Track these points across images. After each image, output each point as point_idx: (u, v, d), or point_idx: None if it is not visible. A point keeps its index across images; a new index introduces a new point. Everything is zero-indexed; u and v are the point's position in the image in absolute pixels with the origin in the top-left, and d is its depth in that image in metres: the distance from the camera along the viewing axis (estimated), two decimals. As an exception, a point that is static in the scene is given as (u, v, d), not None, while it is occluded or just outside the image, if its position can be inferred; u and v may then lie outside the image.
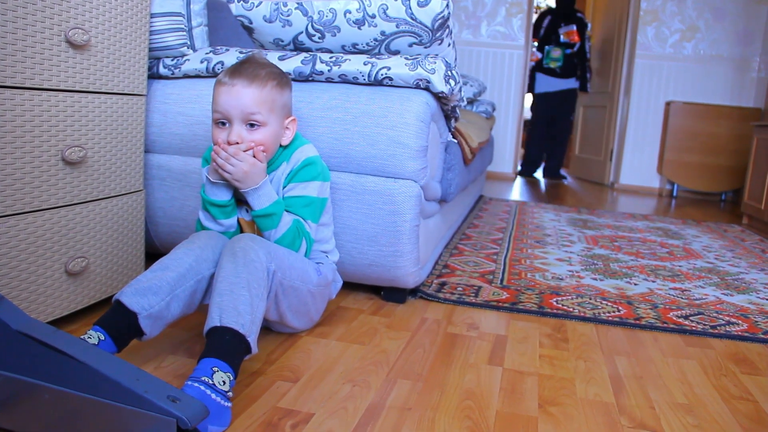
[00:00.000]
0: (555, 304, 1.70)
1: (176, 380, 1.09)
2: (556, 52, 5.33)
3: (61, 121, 1.23)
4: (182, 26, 1.61)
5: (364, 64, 1.48)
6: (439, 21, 1.46)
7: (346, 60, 1.50)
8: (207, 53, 1.62)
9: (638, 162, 4.99)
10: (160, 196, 1.64)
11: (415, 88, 1.48)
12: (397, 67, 1.46)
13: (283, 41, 1.60)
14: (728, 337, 1.54)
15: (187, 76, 1.63)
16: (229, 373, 0.94)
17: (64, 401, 0.81)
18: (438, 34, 1.49)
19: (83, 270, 1.33)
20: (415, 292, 1.70)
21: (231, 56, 1.58)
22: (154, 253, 1.69)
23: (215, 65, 1.58)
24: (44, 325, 0.88)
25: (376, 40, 1.52)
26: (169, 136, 1.61)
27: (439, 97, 1.55)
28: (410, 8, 1.45)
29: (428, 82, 1.46)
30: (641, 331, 1.55)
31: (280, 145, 1.27)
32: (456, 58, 1.66)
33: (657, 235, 2.92)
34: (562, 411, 1.09)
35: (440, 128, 1.68)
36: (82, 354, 0.82)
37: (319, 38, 1.56)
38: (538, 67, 5.47)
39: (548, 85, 5.44)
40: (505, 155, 5.30)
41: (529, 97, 5.69)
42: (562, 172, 5.77)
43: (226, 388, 0.92)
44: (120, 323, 1.05)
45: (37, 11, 1.13)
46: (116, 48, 1.36)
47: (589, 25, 5.74)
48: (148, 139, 1.62)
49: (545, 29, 5.41)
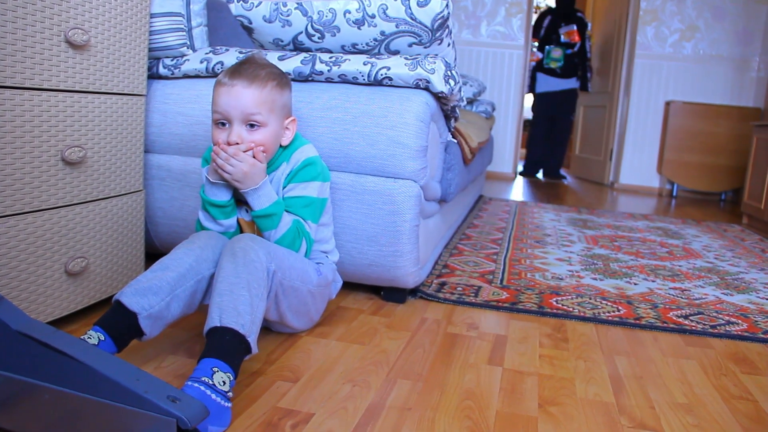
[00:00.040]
0: (555, 303, 1.70)
1: (176, 380, 1.09)
2: (557, 52, 5.33)
3: (61, 121, 1.23)
4: (182, 26, 1.61)
5: (364, 64, 1.48)
6: (439, 21, 1.46)
7: (345, 60, 1.50)
8: (207, 53, 1.62)
9: (638, 162, 4.99)
10: (159, 196, 1.64)
11: (414, 88, 1.48)
12: (397, 67, 1.46)
13: (282, 41, 1.61)
14: (728, 336, 1.54)
15: (186, 76, 1.63)
16: (229, 374, 0.94)
17: (64, 401, 0.81)
18: (438, 34, 1.49)
19: (83, 270, 1.33)
20: (415, 292, 1.70)
21: (231, 56, 1.58)
22: (153, 253, 1.69)
23: (215, 65, 1.58)
24: (44, 326, 0.88)
25: (375, 40, 1.52)
26: (169, 136, 1.61)
27: (439, 97, 1.55)
28: (410, 8, 1.45)
29: (428, 82, 1.46)
30: (641, 331, 1.55)
31: (280, 146, 1.27)
32: (456, 58, 1.66)
33: (657, 235, 2.92)
34: (562, 411, 1.09)
35: (440, 128, 1.68)
36: (82, 354, 0.82)
37: (319, 38, 1.56)
38: (539, 67, 5.47)
39: (549, 85, 5.44)
40: (505, 155, 5.30)
41: (529, 97, 5.69)
42: (562, 171, 5.77)
43: (226, 388, 0.92)
44: (120, 323, 1.05)
45: (36, 11, 1.13)
46: (116, 48, 1.36)
47: (589, 25, 5.75)
48: (147, 139, 1.62)
49: (545, 29, 5.42)
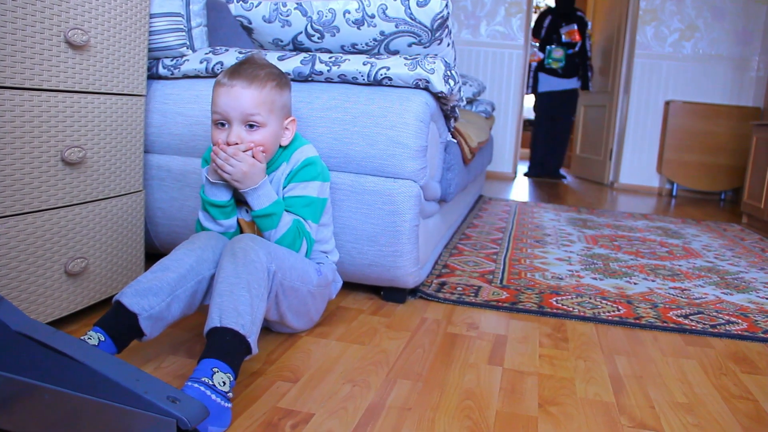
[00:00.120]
0: (555, 303, 1.70)
1: (176, 381, 1.09)
2: (558, 53, 5.33)
3: (61, 121, 1.23)
4: (182, 26, 1.61)
5: (364, 64, 1.48)
6: (439, 21, 1.46)
7: (345, 60, 1.50)
8: (206, 53, 1.62)
9: (638, 161, 4.99)
10: (159, 197, 1.64)
11: (414, 88, 1.48)
12: (397, 67, 1.46)
13: (282, 41, 1.60)
14: (728, 336, 1.54)
15: (186, 77, 1.63)
16: (229, 374, 0.94)
17: (64, 402, 0.81)
18: (437, 34, 1.49)
19: (83, 270, 1.33)
20: (414, 292, 1.70)
21: (230, 56, 1.58)
22: (153, 254, 1.69)
23: (214, 65, 1.58)
24: (44, 326, 0.88)
25: (375, 40, 1.52)
26: (169, 137, 1.61)
27: (439, 97, 1.55)
28: (409, 8, 1.45)
29: (427, 82, 1.46)
30: (641, 331, 1.55)
31: (280, 146, 1.27)
32: (455, 58, 1.66)
33: (657, 235, 2.92)
34: (562, 411, 1.09)
35: (440, 128, 1.68)
36: (81, 355, 0.82)
37: (319, 38, 1.56)
38: (540, 67, 5.46)
39: (550, 85, 5.43)
40: (505, 155, 5.30)
41: (529, 97, 5.68)
42: (562, 171, 5.77)
43: (226, 388, 0.92)
44: (120, 324, 1.05)
45: (36, 12, 1.13)
46: (116, 48, 1.36)
47: (589, 24, 5.74)
48: (147, 140, 1.62)
49: (546, 29, 5.41)
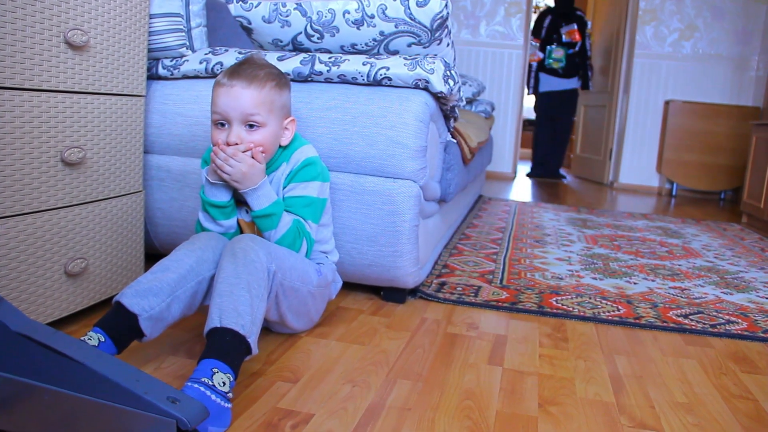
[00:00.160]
0: (555, 303, 1.70)
1: (176, 381, 1.09)
2: (559, 53, 5.32)
3: (60, 122, 1.23)
4: (181, 27, 1.61)
5: (363, 65, 1.48)
6: (438, 21, 1.46)
7: (345, 60, 1.50)
8: (206, 54, 1.62)
9: (637, 161, 4.99)
10: (159, 197, 1.64)
11: (414, 88, 1.48)
12: (396, 67, 1.46)
13: (282, 42, 1.60)
14: (728, 335, 1.54)
15: (186, 77, 1.63)
16: (229, 374, 0.94)
17: (63, 402, 0.81)
18: (437, 34, 1.49)
19: (83, 271, 1.33)
20: (414, 292, 1.70)
21: (230, 57, 1.58)
22: (153, 254, 1.69)
23: (214, 66, 1.58)
24: (44, 327, 0.88)
25: (375, 40, 1.52)
26: (168, 137, 1.61)
27: (438, 97, 1.55)
28: (409, 8, 1.45)
29: (427, 82, 1.46)
30: (641, 331, 1.55)
31: (280, 146, 1.27)
32: (455, 58, 1.66)
33: (656, 234, 2.92)
34: (562, 411, 1.09)
35: (439, 128, 1.68)
36: (81, 355, 0.82)
37: (318, 38, 1.56)
38: (540, 68, 5.45)
39: (551, 85, 5.42)
40: (504, 155, 5.30)
41: (529, 97, 5.68)
42: (562, 171, 5.77)
43: (226, 389, 0.92)
44: (120, 325, 1.05)
45: (36, 12, 1.13)
46: (115, 49, 1.36)
47: (589, 23, 5.74)
48: (147, 140, 1.62)
49: (546, 29, 5.40)
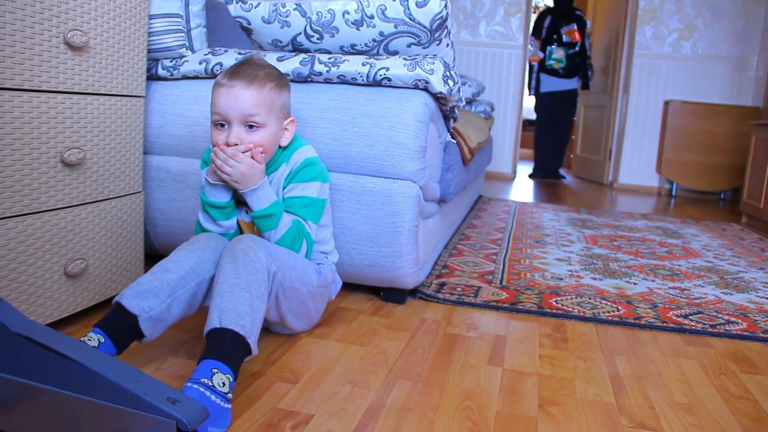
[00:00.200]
0: (554, 304, 1.70)
1: (176, 382, 1.09)
2: (559, 53, 5.31)
3: (60, 122, 1.23)
4: (181, 27, 1.61)
5: (363, 65, 1.48)
6: (438, 21, 1.46)
7: (344, 61, 1.50)
8: (206, 54, 1.62)
9: (637, 161, 4.99)
10: (159, 198, 1.64)
11: (413, 89, 1.48)
12: (396, 67, 1.46)
13: (281, 42, 1.60)
14: (728, 336, 1.54)
15: (185, 78, 1.63)
16: (228, 375, 0.94)
17: (63, 403, 0.81)
18: (436, 35, 1.49)
19: (82, 272, 1.33)
20: (414, 293, 1.70)
21: (229, 57, 1.58)
22: (153, 255, 1.69)
23: (214, 66, 1.58)
24: (43, 328, 0.88)
25: (374, 40, 1.52)
26: (168, 138, 1.61)
27: (438, 98, 1.55)
28: (408, 9, 1.45)
29: (427, 83, 1.46)
30: (641, 331, 1.55)
31: (279, 147, 1.27)
32: (454, 59, 1.66)
33: (656, 235, 2.92)
34: (562, 411, 1.09)
35: (439, 128, 1.68)
36: (81, 356, 0.82)
37: (318, 39, 1.56)
38: (541, 68, 5.44)
39: (551, 85, 5.42)
40: (504, 155, 5.30)
41: (528, 98, 5.67)
42: (561, 171, 5.77)
43: (226, 389, 0.92)
44: (120, 325, 1.05)
45: (35, 13, 1.13)
46: (115, 49, 1.36)
47: (588, 23, 5.74)
48: (146, 141, 1.62)
49: (547, 30, 5.39)
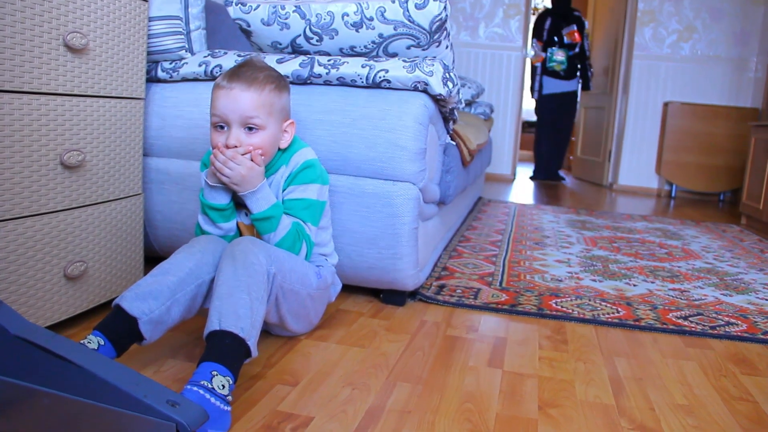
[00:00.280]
0: (554, 305, 1.70)
1: (176, 384, 1.09)
2: (560, 55, 5.30)
3: (60, 125, 1.23)
4: (180, 29, 1.61)
5: (362, 67, 1.48)
6: (437, 23, 1.46)
7: (344, 63, 1.50)
8: (205, 56, 1.62)
9: (636, 162, 4.99)
10: (158, 200, 1.64)
11: (413, 91, 1.48)
12: (395, 69, 1.46)
13: (281, 44, 1.61)
14: (728, 337, 1.54)
15: (185, 80, 1.63)
16: (228, 377, 0.94)
17: (63, 406, 0.81)
18: (436, 37, 1.50)
19: (82, 274, 1.32)
20: (414, 295, 1.70)
21: (229, 59, 1.58)
22: (153, 257, 1.69)
23: (213, 68, 1.58)
24: (43, 330, 0.87)
25: (374, 42, 1.52)
26: (168, 140, 1.61)
27: (438, 100, 1.55)
28: (408, 11, 1.45)
29: (426, 85, 1.46)
30: (641, 333, 1.55)
31: (279, 149, 1.27)
32: (454, 60, 1.66)
33: (656, 236, 2.92)
34: (562, 413, 1.09)
35: (438, 130, 1.68)
36: (81, 359, 0.81)
37: (317, 41, 1.56)
38: (542, 70, 5.43)
39: (553, 87, 5.41)
40: (504, 157, 5.30)
41: (528, 99, 5.67)
42: (561, 173, 5.77)
43: (226, 392, 0.92)
44: (120, 328, 1.05)
45: (35, 15, 1.13)
46: (114, 52, 1.36)
47: (587, 23, 5.74)
48: (146, 143, 1.62)
49: (548, 31, 5.39)
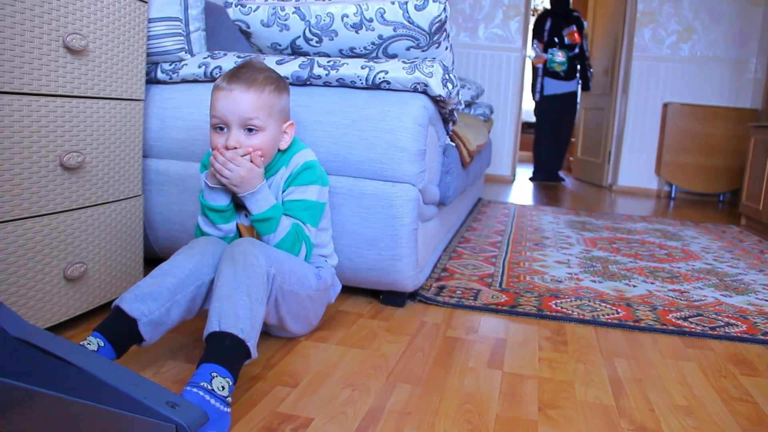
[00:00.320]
0: (554, 306, 1.70)
1: (175, 386, 1.09)
2: (560, 56, 5.30)
3: (60, 126, 1.23)
4: (180, 31, 1.61)
5: (362, 68, 1.48)
6: (437, 24, 1.46)
7: (343, 64, 1.50)
8: (205, 58, 1.62)
9: (636, 163, 4.99)
10: (158, 201, 1.64)
11: (412, 92, 1.48)
12: (395, 70, 1.46)
13: (280, 45, 1.61)
14: (727, 338, 1.54)
15: (185, 81, 1.63)
16: (228, 379, 0.94)
17: (63, 407, 0.81)
18: (435, 38, 1.50)
19: (82, 275, 1.32)
20: (414, 296, 1.70)
21: (229, 61, 1.58)
22: (152, 258, 1.69)
23: (213, 70, 1.58)
24: (43, 332, 0.87)
25: (373, 43, 1.52)
26: (168, 141, 1.61)
27: (437, 101, 1.55)
28: (407, 12, 1.45)
29: (426, 86, 1.46)
30: (640, 333, 1.55)
31: (279, 150, 1.27)
32: (453, 61, 1.66)
33: (655, 237, 2.92)
34: (562, 414, 1.09)
35: (438, 131, 1.68)
36: (81, 360, 0.82)
37: (317, 42, 1.56)
38: (543, 71, 5.43)
39: (552, 88, 5.40)
40: (503, 158, 5.30)
41: (527, 100, 5.67)
42: (561, 174, 5.77)
43: (225, 393, 0.92)
44: (120, 329, 1.05)
45: (35, 17, 1.14)
46: (114, 53, 1.36)
47: (585, 24, 5.74)
48: (146, 144, 1.62)
49: (548, 32, 5.38)
